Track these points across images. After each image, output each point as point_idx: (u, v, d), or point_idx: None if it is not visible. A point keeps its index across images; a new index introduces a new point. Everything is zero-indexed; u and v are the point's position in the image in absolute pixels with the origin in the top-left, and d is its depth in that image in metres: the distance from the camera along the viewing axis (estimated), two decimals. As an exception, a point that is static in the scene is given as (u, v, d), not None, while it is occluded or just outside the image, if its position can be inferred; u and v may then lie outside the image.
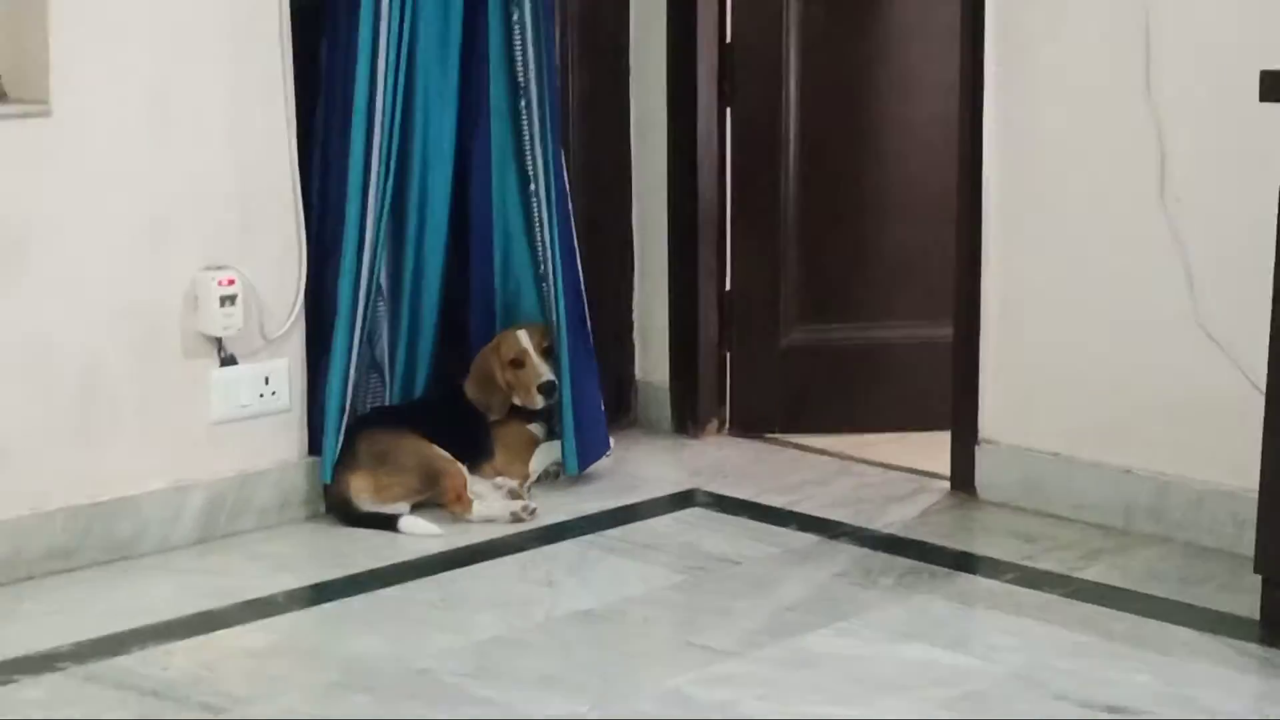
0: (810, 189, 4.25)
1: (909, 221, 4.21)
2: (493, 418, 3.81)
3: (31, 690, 2.71)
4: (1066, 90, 3.53)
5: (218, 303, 3.40)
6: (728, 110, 4.24)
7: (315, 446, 3.63)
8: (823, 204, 4.25)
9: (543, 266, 3.85)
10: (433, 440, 3.63)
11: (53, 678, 2.75)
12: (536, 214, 3.84)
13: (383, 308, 3.76)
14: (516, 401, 3.80)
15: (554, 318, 3.82)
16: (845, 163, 4.26)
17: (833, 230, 4.27)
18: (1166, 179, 3.36)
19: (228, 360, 3.48)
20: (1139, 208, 3.41)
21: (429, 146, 3.72)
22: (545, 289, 3.87)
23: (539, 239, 3.84)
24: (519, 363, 3.78)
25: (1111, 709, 2.61)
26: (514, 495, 3.64)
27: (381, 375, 3.80)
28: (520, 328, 3.86)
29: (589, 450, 3.84)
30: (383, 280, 3.74)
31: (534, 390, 3.78)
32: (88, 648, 2.88)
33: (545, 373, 3.78)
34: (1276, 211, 2.82)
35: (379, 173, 3.61)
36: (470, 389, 3.79)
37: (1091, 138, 3.49)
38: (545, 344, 3.84)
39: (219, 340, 3.46)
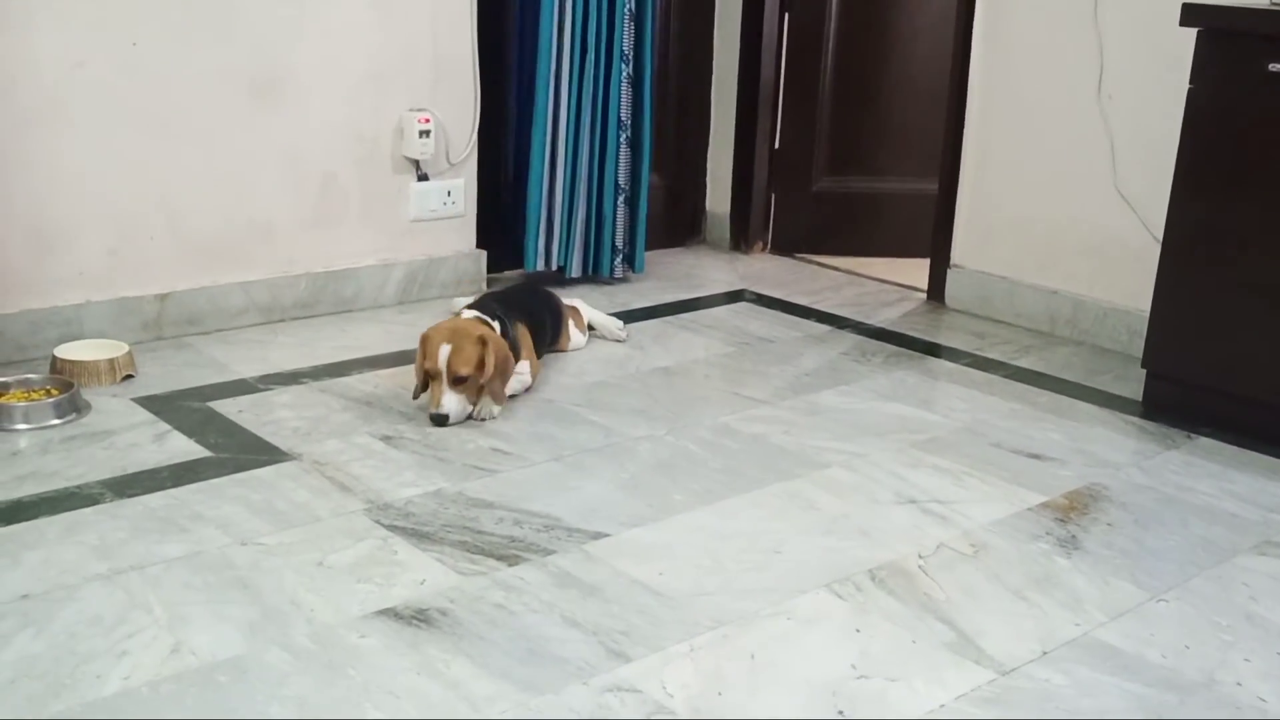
0: (841, 77, 4.14)
1: (912, 105, 4.10)
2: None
3: (283, 396, 2.74)
4: (1035, 12, 3.38)
5: (417, 134, 3.36)
6: (786, 15, 4.10)
7: (481, 242, 3.57)
8: (850, 88, 4.14)
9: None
10: None
11: (297, 388, 2.78)
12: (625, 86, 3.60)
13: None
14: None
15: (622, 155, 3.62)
16: (869, 59, 4.13)
17: (856, 108, 4.16)
18: (1103, 81, 3.24)
19: (422, 177, 3.44)
20: (1080, 101, 3.31)
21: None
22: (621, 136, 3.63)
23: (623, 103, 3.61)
24: (432, 375, 2.60)
25: (1032, 455, 2.61)
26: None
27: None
28: (450, 339, 2.55)
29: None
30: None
31: (429, 410, 2.59)
32: (321, 370, 2.91)
33: (443, 405, 2.55)
34: (1183, 107, 2.71)
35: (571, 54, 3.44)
36: None
37: (1050, 50, 3.37)
38: (465, 370, 2.54)
39: (417, 162, 3.41)
